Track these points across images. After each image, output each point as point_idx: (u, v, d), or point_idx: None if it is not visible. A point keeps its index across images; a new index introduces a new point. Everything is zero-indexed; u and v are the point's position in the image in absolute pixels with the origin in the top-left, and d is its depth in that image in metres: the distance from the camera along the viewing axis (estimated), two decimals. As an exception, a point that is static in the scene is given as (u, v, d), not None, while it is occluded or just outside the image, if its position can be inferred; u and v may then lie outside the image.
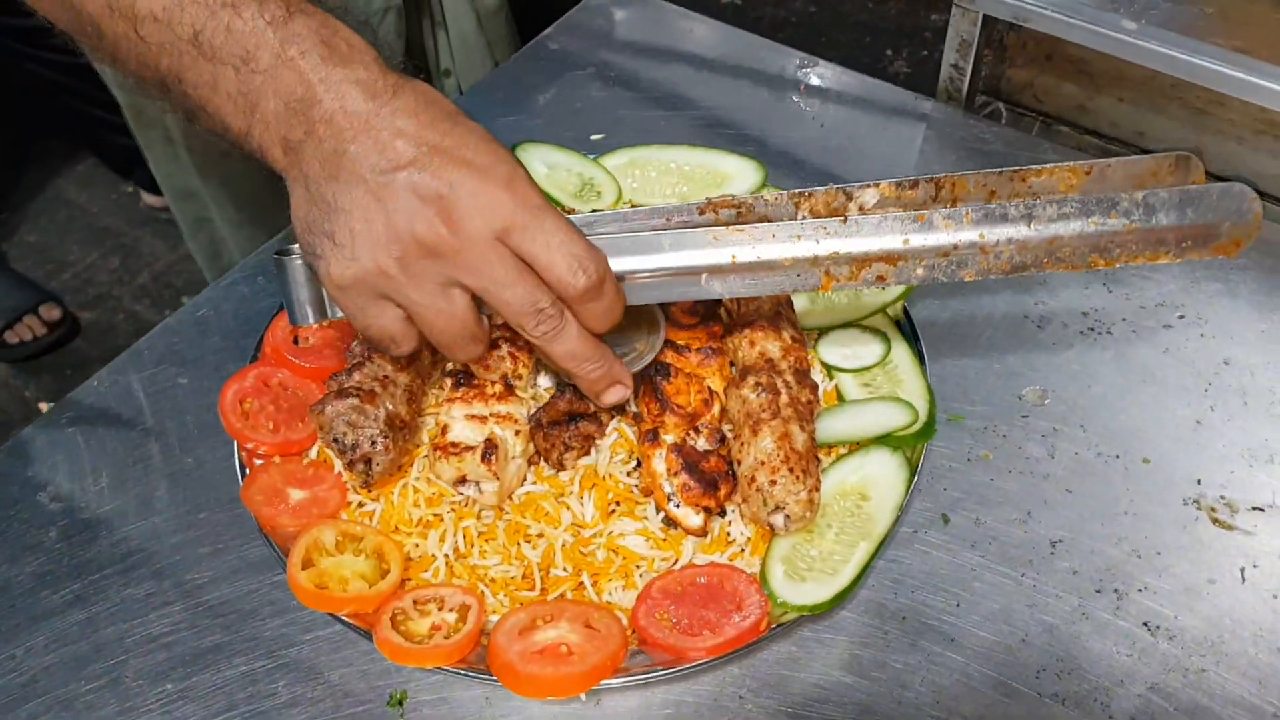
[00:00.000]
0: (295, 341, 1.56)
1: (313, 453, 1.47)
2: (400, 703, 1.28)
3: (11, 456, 1.54)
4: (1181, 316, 1.67)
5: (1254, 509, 1.43)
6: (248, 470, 1.44)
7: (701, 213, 1.43)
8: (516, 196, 1.16)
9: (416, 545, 1.37)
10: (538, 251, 1.18)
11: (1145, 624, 1.33)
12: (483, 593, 1.33)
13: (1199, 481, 1.47)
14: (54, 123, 4.67)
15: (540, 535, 1.37)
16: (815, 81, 2.14)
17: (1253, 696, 1.27)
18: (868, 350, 1.54)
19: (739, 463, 1.36)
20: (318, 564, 1.31)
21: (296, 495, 1.39)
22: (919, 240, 1.30)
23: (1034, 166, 1.44)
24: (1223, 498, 1.45)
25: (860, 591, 1.36)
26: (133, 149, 2.47)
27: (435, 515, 1.39)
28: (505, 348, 1.47)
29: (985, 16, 1.92)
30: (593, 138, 1.97)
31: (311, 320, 1.31)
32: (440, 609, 1.29)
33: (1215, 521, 1.43)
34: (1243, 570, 1.38)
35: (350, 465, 1.38)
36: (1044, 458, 1.50)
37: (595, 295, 1.21)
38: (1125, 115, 1.94)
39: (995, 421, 1.54)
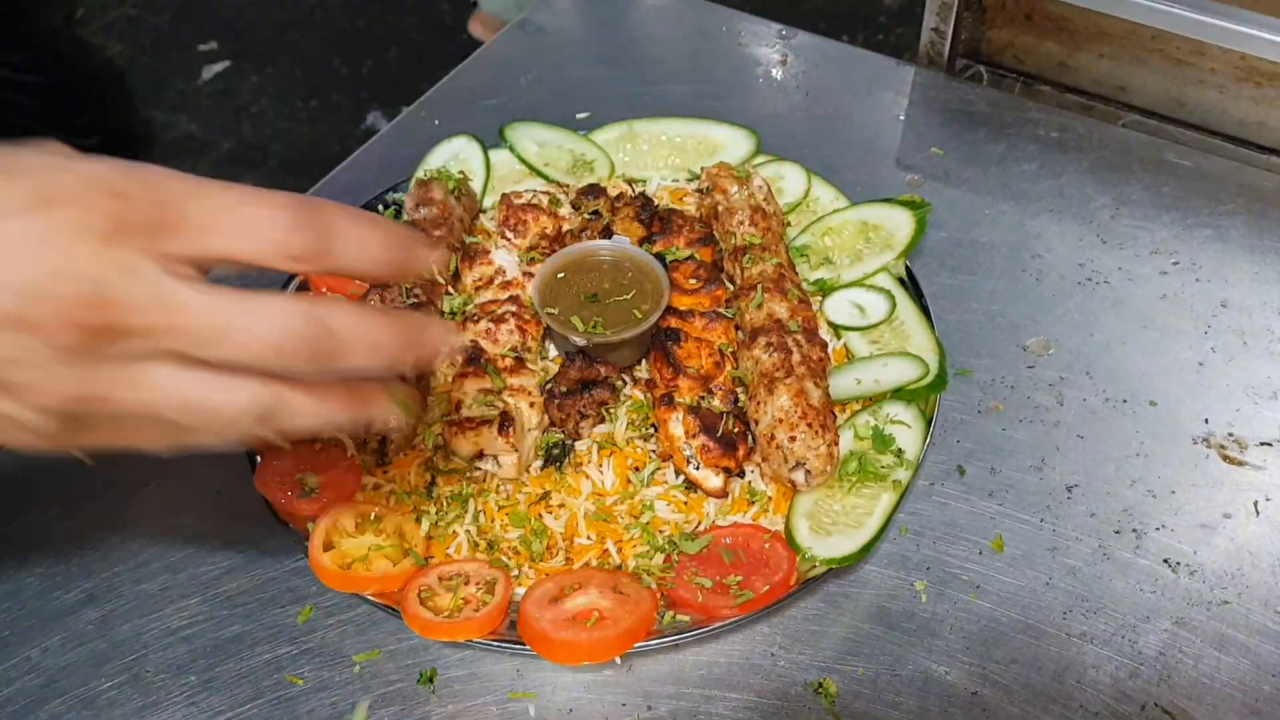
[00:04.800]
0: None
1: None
2: (430, 680, 1.26)
3: (13, 461, 1.51)
4: (1176, 263, 1.69)
5: (1262, 444, 1.45)
6: (259, 458, 1.41)
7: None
8: None
9: (436, 524, 1.36)
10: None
11: (1166, 561, 1.34)
12: (507, 565, 1.32)
13: (1206, 421, 1.48)
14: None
15: (562, 505, 1.36)
16: (796, 52, 2.14)
17: (1276, 625, 1.28)
18: (874, 308, 1.54)
19: (756, 422, 1.36)
20: (339, 546, 1.30)
21: (311, 480, 1.37)
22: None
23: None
24: (1231, 435, 1.46)
25: (882, 546, 1.36)
26: None
27: (454, 492, 1.38)
28: (513, 321, 1.46)
29: (964, -22, 1.93)
30: (578, 116, 1.96)
31: None
32: (466, 584, 1.27)
33: (1225, 458, 1.44)
34: (1256, 504, 1.39)
35: (363, 445, 1.36)
36: (1053, 406, 1.51)
37: None
38: (1107, 71, 1.95)
39: (1002, 373, 1.55)
